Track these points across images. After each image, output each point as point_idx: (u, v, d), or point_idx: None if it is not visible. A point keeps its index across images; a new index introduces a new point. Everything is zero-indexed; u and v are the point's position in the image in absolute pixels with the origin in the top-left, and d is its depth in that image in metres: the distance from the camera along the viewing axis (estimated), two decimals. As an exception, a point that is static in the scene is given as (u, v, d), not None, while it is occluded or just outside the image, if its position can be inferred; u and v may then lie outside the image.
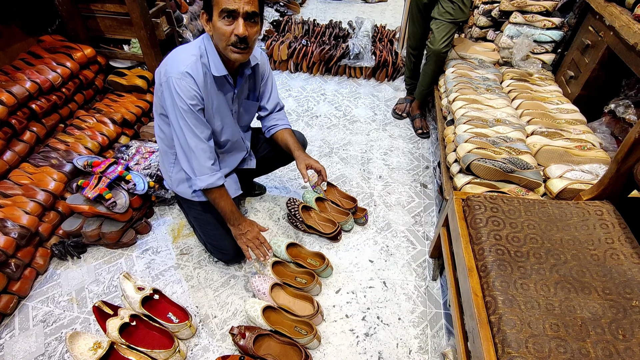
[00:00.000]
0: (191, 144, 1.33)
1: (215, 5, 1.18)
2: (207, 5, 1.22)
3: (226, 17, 1.18)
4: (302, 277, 1.60)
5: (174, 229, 1.84)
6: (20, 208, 1.56)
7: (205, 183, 1.38)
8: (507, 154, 1.54)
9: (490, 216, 1.25)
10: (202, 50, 1.31)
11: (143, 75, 2.25)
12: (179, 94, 1.26)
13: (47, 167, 1.73)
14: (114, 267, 1.66)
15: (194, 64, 1.28)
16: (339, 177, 2.16)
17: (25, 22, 2.02)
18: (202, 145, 1.34)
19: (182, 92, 1.26)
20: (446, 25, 2.08)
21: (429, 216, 1.94)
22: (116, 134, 2.03)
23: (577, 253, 1.15)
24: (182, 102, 1.27)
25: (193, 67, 1.27)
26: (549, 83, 2.05)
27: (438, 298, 1.58)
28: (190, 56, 1.29)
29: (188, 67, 1.26)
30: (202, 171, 1.37)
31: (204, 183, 1.38)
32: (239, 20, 1.18)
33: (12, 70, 1.86)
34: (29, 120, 1.81)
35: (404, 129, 2.56)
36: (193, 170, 1.38)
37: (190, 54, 1.30)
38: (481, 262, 1.15)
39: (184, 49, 1.33)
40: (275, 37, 3.28)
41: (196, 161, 1.35)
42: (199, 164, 1.36)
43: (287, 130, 1.64)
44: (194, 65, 1.28)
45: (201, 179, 1.38)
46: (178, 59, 1.29)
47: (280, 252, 1.66)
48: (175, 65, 1.27)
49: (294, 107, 2.75)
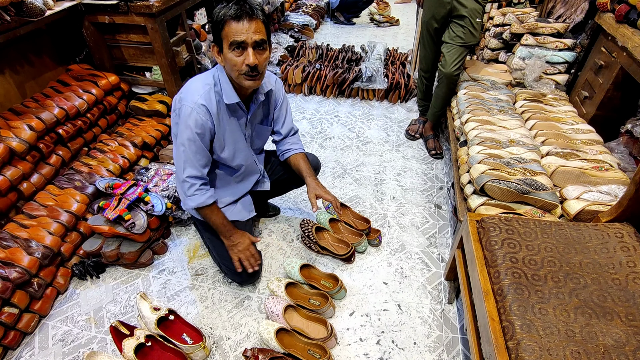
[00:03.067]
0: (186, 170, 1.41)
1: (225, 39, 1.24)
2: (217, 38, 1.28)
3: (236, 48, 1.24)
4: (316, 299, 1.59)
5: (190, 249, 1.87)
6: (44, 229, 1.62)
7: (195, 202, 1.45)
8: (521, 175, 1.53)
9: (505, 238, 1.23)
10: (216, 79, 1.38)
11: (163, 100, 2.34)
12: (186, 122, 1.33)
13: (71, 189, 1.80)
14: (131, 287, 1.69)
15: (208, 93, 1.35)
16: (352, 198, 2.17)
17: (55, 53, 2.15)
18: (195, 172, 1.42)
19: (191, 121, 1.33)
20: (457, 48, 2.11)
21: (444, 237, 1.92)
22: (136, 156, 2.10)
23: (597, 277, 1.12)
24: (188, 129, 1.34)
25: (207, 97, 1.35)
26: (563, 103, 2.04)
27: (454, 322, 1.55)
28: (205, 85, 1.36)
29: (202, 97, 1.34)
30: (192, 191, 1.44)
31: (195, 202, 1.45)
32: (248, 50, 1.24)
33: (42, 97, 1.97)
34: (55, 144, 1.90)
35: (417, 150, 2.57)
36: (184, 192, 1.46)
37: (205, 83, 1.37)
38: (497, 286, 1.13)
39: (199, 78, 1.40)
40: (290, 62, 3.38)
41: (187, 184, 1.44)
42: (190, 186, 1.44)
43: (300, 155, 1.67)
44: (208, 94, 1.35)
45: (191, 198, 1.45)
46: (193, 88, 1.36)
47: (293, 273, 1.66)
48: (190, 94, 1.35)
49: (308, 129, 2.80)
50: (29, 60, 2.00)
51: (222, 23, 1.22)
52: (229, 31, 1.21)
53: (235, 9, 1.20)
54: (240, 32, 1.21)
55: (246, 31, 1.21)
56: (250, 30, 1.21)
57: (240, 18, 1.20)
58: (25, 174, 1.71)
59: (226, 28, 1.22)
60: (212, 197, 1.48)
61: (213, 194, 1.49)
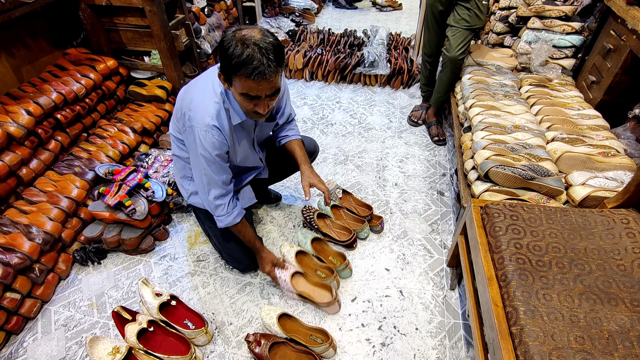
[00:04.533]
0: (211, 192, 1.36)
1: (236, 84, 1.12)
2: (225, 72, 1.13)
3: (247, 97, 1.14)
4: (322, 271, 1.64)
5: (191, 235, 1.86)
6: (44, 214, 1.61)
7: (224, 223, 1.42)
8: (526, 160, 1.51)
9: (510, 224, 1.22)
10: (224, 95, 1.28)
11: (162, 85, 2.30)
12: (204, 146, 1.26)
13: (71, 174, 1.79)
14: (133, 273, 1.69)
15: (219, 113, 1.26)
16: (354, 184, 2.15)
17: (52, 36, 2.11)
18: (220, 192, 1.37)
19: (208, 144, 1.26)
20: (462, 32, 2.07)
21: (446, 224, 1.91)
22: (136, 142, 2.08)
23: (602, 263, 1.11)
24: (206, 152, 1.27)
25: (218, 117, 1.26)
26: (570, 88, 2.01)
27: (456, 308, 1.55)
28: (214, 104, 1.26)
29: (214, 118, 1.25)
30: (219, 213, 1.40)
31: (223, 224, 1.42)
32: (262, 101, 1.16)
33: (40, 82, 1.94)
34: (54, 129, 1.88)
35: (419, 137, 2.54)
36: (213, 211, 1.42)
37: (213, 100, 1.26)
38: (501, 272, 1.12)
39: (206, 89, 1.28)
40: (291, 47, 3.32)
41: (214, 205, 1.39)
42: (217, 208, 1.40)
43: (296, 142, 1.62)
44: (219, 114, 1.26)
45: (220, 219, 1.41)
46: (202, 107, 1.26)
47: (305, 243, 1.71)
48: (200, 114, 1.25)
49: (309, 115, 2.77)
50: (25, 44, 1.96)
51: (235, 72, 1.08)
52: (242, 85, 1.10)
53: (251, 70, 1.05)
54: (255, 90, 1.11)
55: (262, 89, 1.11)
56: (266, 87, 1.11)
57: (257, 79, 1.07)
58: (24, 159, 1.69)
59: (239, 79, 1.09)
60: (239, 215, 1.44)
61: (240, 211, 1.45)
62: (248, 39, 1.06)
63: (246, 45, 1.05)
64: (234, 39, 1.06)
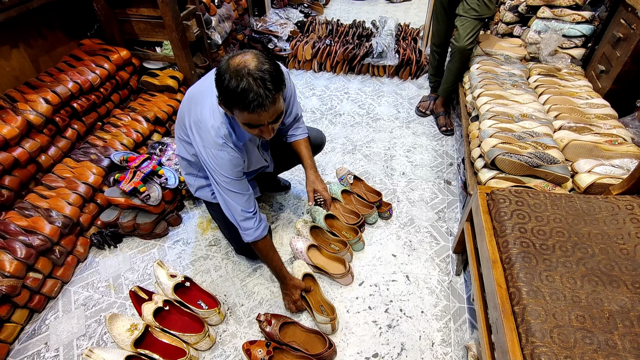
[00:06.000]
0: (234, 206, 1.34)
1: (236, 115, 1.10)
2: (224, 103, 1.09)
3: (250, 126, 1.13)
4: (336, 244, 1.72)
5: (203, 222, 1.91)
6: (63, 199, 1.67)
7: (251, 237, 1.38)
8: (533, 148, 1.53)
9: (515, 209, 1.24)
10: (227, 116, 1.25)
11: (174, 75, 2.35)
12: (224, 167, 1.25)
13: (87, 161, 1.85)
14: (148, 257, 1.75)
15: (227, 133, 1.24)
16: (362, 173, 2.18)
17: (67, 27, 2.16)
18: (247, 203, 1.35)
19: (225, 165, 1.25)
20: (471, 21, 2.07)
21: (453, 212, 1.93)
22: (149, 131, 2.13)
23: (605, 247, 1.13)
24: (226, 172, 1.27)
25: (227, 138, 1.24)
26: (579, 78, 2.01)
27: (462, 293, 1.58)
28: (220, 124, 1.23)
29: (226, 139, 1.23)
30: (247, 226, 1.37)
31: (251, 237, 1.38)
32: (265, 127, 1.13)
33: (56, 72, 1.99)
34: (70, 118, 1.94)
35: (427, 127, 2.56)
36: (238, 225, 1.39)
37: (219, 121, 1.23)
38: (505, 255, 1.15)
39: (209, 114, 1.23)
40: (300, 38, 3.34)
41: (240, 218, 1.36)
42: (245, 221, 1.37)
43: (303, 141, 1.61)
44: (228, 134, 1.24)
45: (247, 233, 1.38)
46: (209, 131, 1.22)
47: (319, 220, 1.79)
48: (210, 138, 1.22)
49: (318, 105, 2.79)
50: (42, 35, 2.02)
51: (233, 104, 1.05)
52: (242, 117, 1.09)
53: (248, 103, 1.02)
54: (255, 120, 1.09)
55: (262, 118, 1.08)
56: (266, 116, 1.08)
57: (256, 111, 1.04)
58: (43, 146, 1.75)
59: (238, 111, 1.07)
60: (265, 229, 1.40)
61: (266, 224, 1.42)
62: (241, 69, 1.01)
63: (240, 77, 1.00)
64: (227, 70, 1.02)
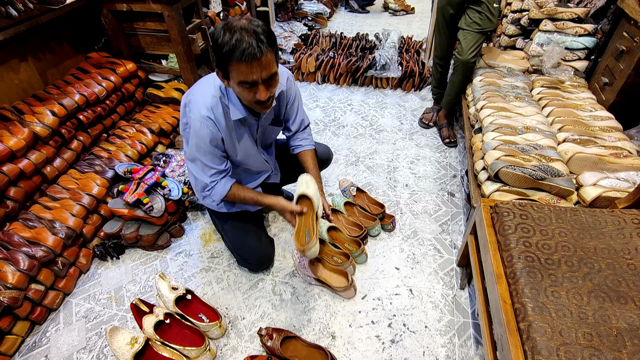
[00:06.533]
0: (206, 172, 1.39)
1: (232, 75, 1.14)
2: (221, 67, 1.15)
3: (245, 86, 1.15)
4: (338, 257, 1.71)
5: (205, 233, 1.91)
6: (67, 210, 1.68)
7: (218, 196, 1.43)
8: (537, 161, 1.52)
9: (519, 223, 1.23)
10: (223, 90, 1.31)
11: (179, 87, 2.38)
12: (198, 134, 1.30)
13: (92, 173, 1.86)
14: (150, 268, 1.74)
15: (215, 106, 1.29)
16: (365, 185, 2.18)
17: (75, 41, 2.20)
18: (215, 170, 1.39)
19: (201, 132, 1.29)
20: (474, 35, 2.08)
21: (457, 225, 1.92)
22: (154, 142, 2.15)
23: (612, 262, 1.11)
24: (201, 142, 1.31)
25: (214, 109, 1.29)
26: (582, 90, 2.00)
27: (466, 307, 1.56)
28: (212, 97, 1.29)
29: (209, 110, 1.28)
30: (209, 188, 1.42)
31: (217, 197, 1.43)
32: (259, 87, 1.16)
33: (63, 84, 2.02)
34: (76, 130, 1.96)
35: (430, 138, 2.56)
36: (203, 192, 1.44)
37: (211, 94, 1.29)
38: (510, 269, 1.14)
39: (207, 84, 1.32)
40: (304, 50, 3.38)
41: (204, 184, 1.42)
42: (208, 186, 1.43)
43: (309, 153, 1.62)
44: (216, 107, 1.29)
45: (211, 194, 1.43)
46: (200, 100, 1.29)
47: (321, 232, 1.77)
48: (197, 107, 1.29)
49: (321, 117, 2.81)
50: (50, 48, 2.05)
51: (227, 60, 1.10)
52: (237, 71, 1.12)
53: (241, 52, 1.06)
54: (249, 73, 1.11)
55: (255, 72, 1.11)
56: (260, 69, 1.11)
57: (249, 61, 1.08)
58: (48, 158, 1.77)
59: (234, 67, 1.11)
60: (227, 181, 1.43)
61: (228, 179, 1.43)
62: (234, 25, 1.07)
63: (233, 31, 1.06)
64: (221, 29, 1.08)
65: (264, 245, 1.69)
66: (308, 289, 1.64)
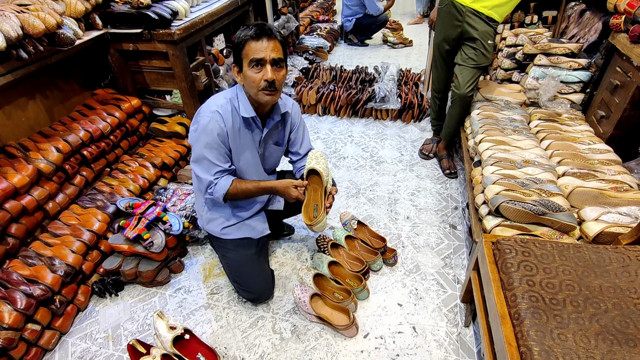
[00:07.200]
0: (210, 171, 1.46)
1: (245, 58, 1.35)
2: (237, 59, 1.40)
3: (255, 65, 1.34)
4: (340, 293, 1.68)
5: (206, 268, 1.89)
6: (67, 247, 1.67)
7: (219, 193, 1.48)
8: (537, 195, 1.51)
9: (522, 260, 1.22)
10: (234, 94, 1.49)
11: (182, 122, 2.42)
12: (205, 129, 1.41)
13: (93, 208, 1.87)
14: (148, 306, 1.72)
15: (225, 105, 1.46)
16: (366, 217, 2.17)
17: (82, 78, 2.27)
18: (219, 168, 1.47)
19: (210, 126, 1.41)
20: (470, 70, 2.13)
21: (459, 258, 1.89)
22: (156, 176, 2.17)
23: (618, 302, 1.09)
24: (209, 135, 1.42)
25: (223, 107, 1.45)
26: (579, 123, 2.03)
27: (471, 346, 1.52)
28: (222, 99, 1.47)
29: (219, 107, 1.44)
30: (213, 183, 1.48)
31: (219, 193, 1.48)
32: (266, 67, 1.34)
33: (69, 121, 2.07)
34: (80, 165, 1.99)
35: (431, 170, 2.57)
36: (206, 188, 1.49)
37: (223, 97, 1.48)
38: (514, 309, 1.11)
39: (219, 94, 1.52)
40: (305, 84, 3.46)
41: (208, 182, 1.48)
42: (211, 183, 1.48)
43: None
44: (225, 105, 1.45)
45: (215, 192, 1.48)
46: (211, 102, 1.47)
47: (322, 267, 1.76)
48: (207, 106, 1.46)
49: (322, 148, 2.84)
50: (58, 86, 2.12)
51: (243, 43, 1.33)
52: (249, 50, 1.33)
53: (255, 30, 1.32)
54: (259, 50, 1.32)
55: (265, 49, 1.32)
56: (268, 48, 1.32)
57: (259, 37, 1.31)
58: (51, 194, 1.79)
59: (246, 47, 1.33)
60: (228, 178, 1.49)
61: (227, 176, 1.50)
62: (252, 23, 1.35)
63: (250, 25, 1.34)
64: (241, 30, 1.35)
65: (266, 274, 1.69)
66: (309, 326, 1.61)
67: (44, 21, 1.69)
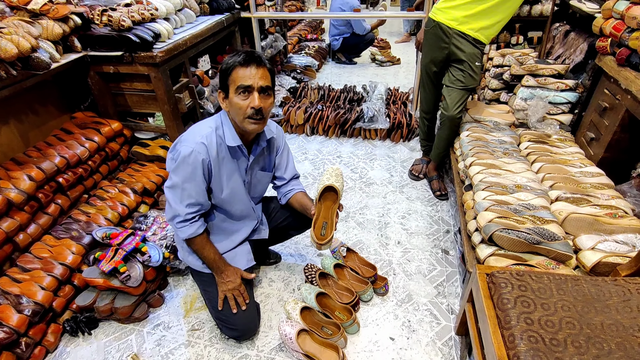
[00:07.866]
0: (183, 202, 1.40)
1: (232, 84, 1.31)
2: (223, 84, 1.35)
3: (242, 92, 1.30)
4: (329, 327, 1.60)
5: (187, 301, 1.79)
6: (37, 283, 1.56)
7: (186, 233, 1.43)
8: (531, 223, 1.46)
9: (518, 296, 1.15)
10: (219, 123, 1.42)
11: (165, 145, 2.35)
12: (186, 160, 1.34)
13: (67, 239, 1.76)
14: (124, 345, 1.60)
15: (210, 135, 1.38)
16: (355, 243, 2.10)
17: (60, 101, 2.19)
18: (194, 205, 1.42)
19: (190, 158, 1.34)
20: (458, 92, 2.11)
21: (453, 286, 1.82)
22: (136, 203, 2.07)
23: (622, 341, 1.03)
24: (188, 167, 1.35)
25: (208, 138, 1.38)
26: (569, 144, 2.00)
27: (468, 384, 1.43)
28: (207, 128, 1.40)
29: (203, 137, 1.37)
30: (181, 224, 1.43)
31: (186, 234, 1.43)
32: (254, 94, 1.30)
33: (45, 146, 1.98)
34: (55, 193, 1.88)
35: (421, 191, 2.52)
36: (176, 220, 1.43)
37: (208, 126, 1.41)
38: (513, 351, 1.04)
39: (202, 122, 1.45)
40: (292, 103, 3.42)
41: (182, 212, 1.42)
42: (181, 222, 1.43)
43: (303, 193, 1.65)
44: (210, 135, 1.38)
45: (183, 229, 1.43)
46: (196, 131, 1.40)
47: (310, 299, 1.66)
48: (192, 135, 1.38)
49: (310, 170, 2.78)
50: (34, 110, 2.03)
51: (231, 69, 1.30)
52: (237, 76, 1.29)
53: (244, 57, 1.29)
54: (247, 77, 1.28)
55: (253, 76, 1.28)
56: (257, 75, 1.29)
57: (248, 64, 1.28)
58: (22, 224, 1.68)
59: (234, 74, 1.29)
60: (201, 226, 1.46)
61: (203, 223, 1.47)
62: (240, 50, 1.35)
63: (238, 52, 1.31)
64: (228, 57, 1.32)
65: (251, 309, 1.58)
66: (296, 365, 1.51)
67: (17, 45, 1.62)
